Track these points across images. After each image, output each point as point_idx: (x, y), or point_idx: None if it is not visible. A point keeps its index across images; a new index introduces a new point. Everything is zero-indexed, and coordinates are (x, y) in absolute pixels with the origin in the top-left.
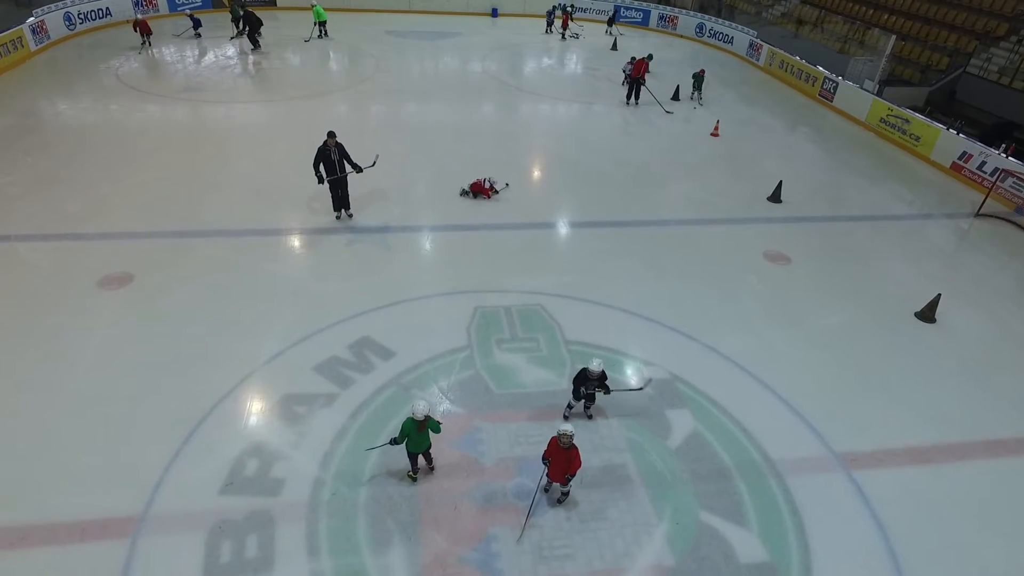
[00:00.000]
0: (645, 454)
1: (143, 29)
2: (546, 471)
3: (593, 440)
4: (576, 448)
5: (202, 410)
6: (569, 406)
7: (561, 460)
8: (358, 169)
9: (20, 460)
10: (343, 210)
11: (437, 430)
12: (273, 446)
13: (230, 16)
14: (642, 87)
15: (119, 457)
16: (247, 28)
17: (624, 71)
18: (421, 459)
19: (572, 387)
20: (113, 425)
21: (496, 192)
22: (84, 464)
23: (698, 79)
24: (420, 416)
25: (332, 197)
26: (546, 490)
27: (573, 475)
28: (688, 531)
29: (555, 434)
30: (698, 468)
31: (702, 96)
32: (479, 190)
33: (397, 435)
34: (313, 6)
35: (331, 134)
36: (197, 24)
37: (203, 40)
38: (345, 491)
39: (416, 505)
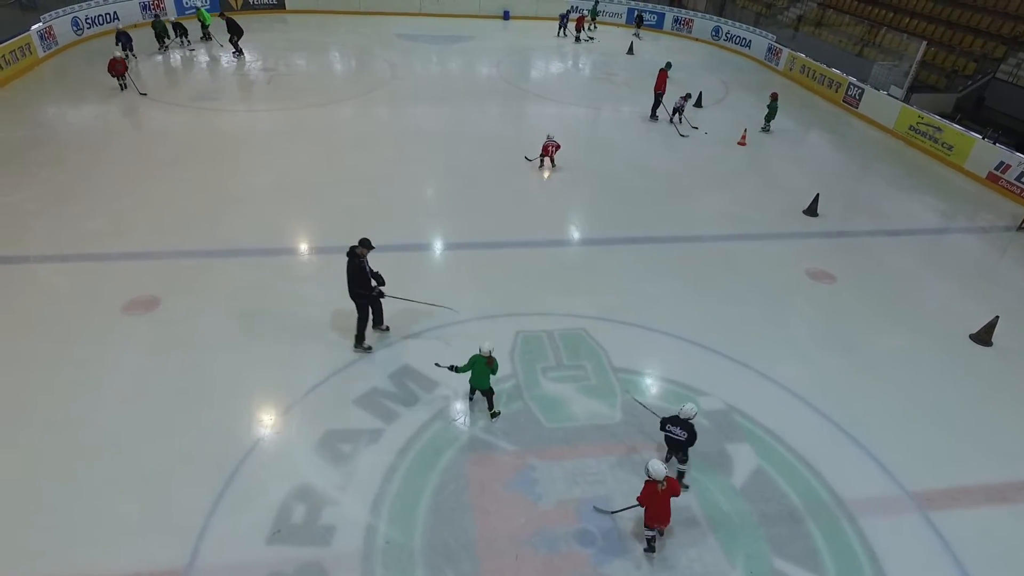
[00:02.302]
0: (709, 494)
1: (119, 70)
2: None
3: None
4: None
5: (242, 449)
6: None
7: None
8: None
9: (52, 507)
10: (379, 326)
11: (495, 371)
12: (320, 489)
13: (154, 32)
14: (661, 102)
15: (158, 502)
16: (233, 36)
17: (676, 106)
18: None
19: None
20: (149, 467)
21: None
22: (121, 511)
23: (773, 107)
24: (487, 352)
25: (360, 320)
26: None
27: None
28: None
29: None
30: (766, 509)
31: (769, 125)
32: (546, 153)
33: (461, 365)
34: (199, 8)
35: (366, 243)
36: (127, 44)
37: (138, 61)
38: (399, 538)
39: (475, 553)
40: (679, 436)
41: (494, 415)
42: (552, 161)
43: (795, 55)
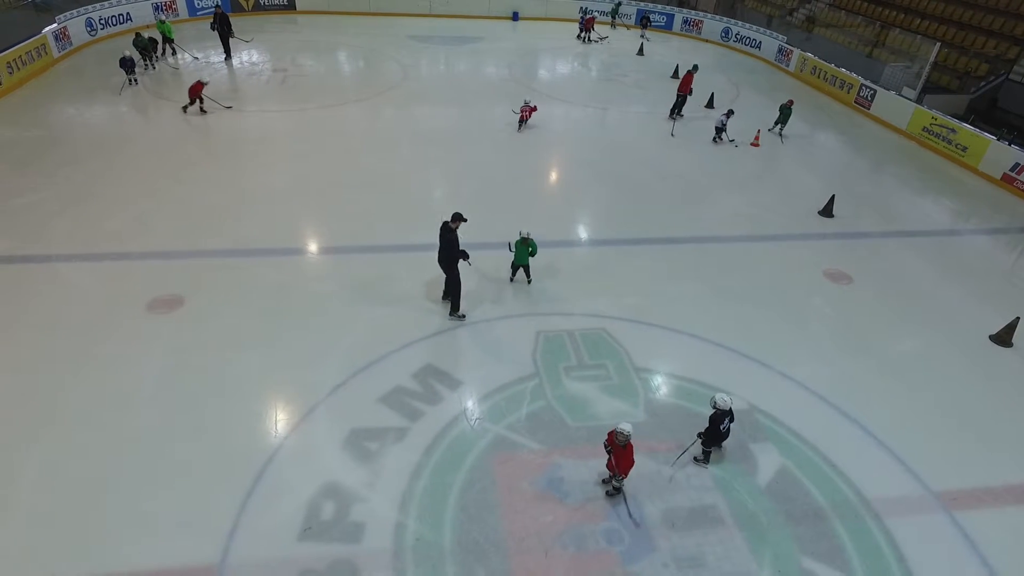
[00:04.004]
0: (735, 493)
1: (194, 93)
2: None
3: (678, 478)
4: (631, 446)
5: (269, 447)
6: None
7: (618, 454)
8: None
9: (86, 505)
10: (447, 304)
11: (535, 250)
12: (348, 487)
13: (138, 49)
14: (686, 103)
15: (188, 500)
16: (228, 30)
17: (718, 126)
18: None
19: (709, 434)
20: (176, 465)
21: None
22: (152, 508)
23: (785, 112)
24: (524, 234)
25: (455, 288)
26: (604, 481)
27: (624, 475)
28: None
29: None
30: (791, 509)
31: (783, 130)
32: (523, 117)
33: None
34: (163, 22)
35: (459, 217)
36: (131, 68)
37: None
38: (429, 536)
39: (505, 552)
40: (730, 424)
41: (530, 281)
42: (525, 121)
43: (806, 56)
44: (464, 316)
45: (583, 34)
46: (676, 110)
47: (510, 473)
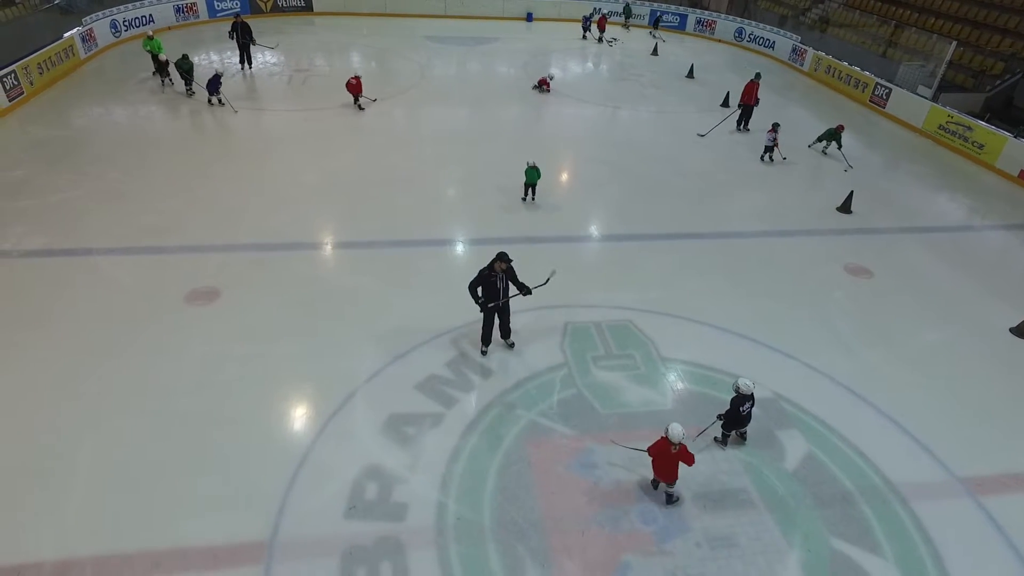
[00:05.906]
0: (764, 477)
1: (356, 91)
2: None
3: (707, 462)
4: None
5: (311, 431)
6: (724, 437)
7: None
8: (526, 291)
9: (137, 487)
10: (505, 339)
11: (539, 174)
12: (389, 469)
13: (180, 71)
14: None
15: (236, 482)
16: (248, 39)
17: (768, 144)
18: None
19: (728, 416)
20: (224, 449)
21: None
22: (200, 489)
23: (833, 136)
24: (531, 163)
25: (484, 327)
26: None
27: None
28: (821, 559)
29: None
30: (820, 492)
31: (828, 149)
32: (543, 83)
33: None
34: (150, 38)
35: (503, 257)
36: (216, 87)
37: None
38: (469, 515)
39: (543, 531)
40: (751, 409)
41: (534, 199)
42: (548, 87)
43: (820, 56)
44: (484, 352)
45: (587, 34)
46: (742, 122)
47: (544, 457)
